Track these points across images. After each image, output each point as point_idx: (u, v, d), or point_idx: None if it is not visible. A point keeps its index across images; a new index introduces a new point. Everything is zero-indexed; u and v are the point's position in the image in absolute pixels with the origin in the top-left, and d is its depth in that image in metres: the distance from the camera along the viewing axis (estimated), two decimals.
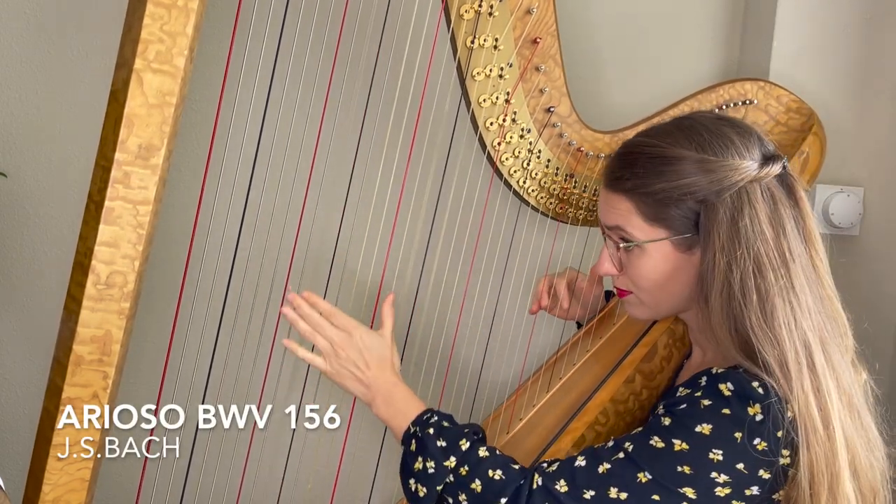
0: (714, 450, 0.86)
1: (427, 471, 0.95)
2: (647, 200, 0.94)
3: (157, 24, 0.85)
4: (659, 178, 0.93)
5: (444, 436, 0.96)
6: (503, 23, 1.05)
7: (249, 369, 1.15)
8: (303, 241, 1.12)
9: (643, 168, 0.94)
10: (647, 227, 0.95)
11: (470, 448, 0.95)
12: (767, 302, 0.88)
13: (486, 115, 1.09)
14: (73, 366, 0.89)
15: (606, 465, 0.90)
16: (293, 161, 1.11)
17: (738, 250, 0.89)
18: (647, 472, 0.88)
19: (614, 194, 0.97)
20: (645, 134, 0.99)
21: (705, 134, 0.94)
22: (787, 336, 0.88)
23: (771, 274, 0.89)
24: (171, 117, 0.87)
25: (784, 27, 1.50)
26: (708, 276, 0.92)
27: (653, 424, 0.91)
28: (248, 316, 1.16)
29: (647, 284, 0.97)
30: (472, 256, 1.24)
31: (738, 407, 0.86)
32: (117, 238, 0.88)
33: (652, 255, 0.95)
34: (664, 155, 0.94)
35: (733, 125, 0.96)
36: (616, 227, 0.97)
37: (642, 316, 1.03)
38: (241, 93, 0.99)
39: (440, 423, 0.97)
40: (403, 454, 0.98)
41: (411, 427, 0.98)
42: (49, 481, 0.92)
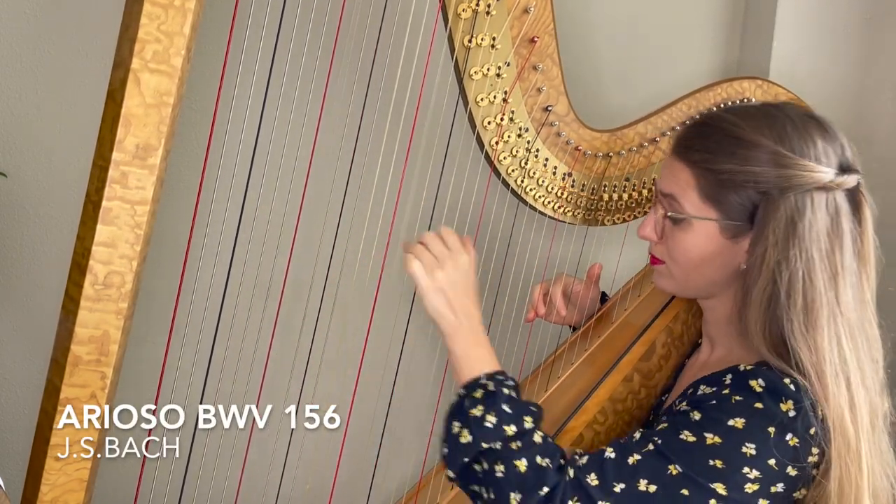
0: (747, 443, 0.85)
1: (484, 422, 0.90)
2: (710, 177, 0.93)
3: (154, 24, 0.85)
4: (728, 159, 0.91)
5: (513, 404, 0.92)
6: (501, 22, 1.05)
7: (249, 369, 1.15)
8: (301, 240, 1.12)
9: (716, 144, 0.93)
10: (701, 203, 0.93)
11: (532, 428, 0.92)
12: (812, 310, 0.88)
13: (484, 114, 1.09)
14: (70, 366, 0.89)
15: (637, 456, 0.88)
16: (291, 161, 1.11)
17: (791, 251, 0.88)
18: (678, 465, 0.86)
19: (679, 162, 0.95)
20: (729, 111, 0.97)
21: (789, 128, 0.92)
22: (826, 347, 0.88)
23: (821, 283, 0.88)
24: (169, 117, 0.87)
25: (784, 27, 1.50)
26: (754, 269, 0.91)
27: (680, 420, 0.89)
28: (247, 315, 1.16)
29: (683, 260, 0.96)
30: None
31: (771, 402, 0.86)
32: (115, 238, 0.88)
33: (697, 232, 0.94)
34: (741, 137, 0.92)
35: (821, 127, 0.93)
36: (670, 195, 0.95)
37: (667, 288, 1.02)
38: (239, 93, 0.99)
39: (513, 389, 0.94)
40: (461, 396, 0.94)
41: (485, 378, 0.94)
42: (47, 481, 0.91)
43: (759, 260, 0.90)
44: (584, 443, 1.07)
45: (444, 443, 0.94)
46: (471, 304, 0.97)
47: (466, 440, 0.91)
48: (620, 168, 1.20)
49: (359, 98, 1.08)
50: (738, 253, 0.94)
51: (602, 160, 1.18)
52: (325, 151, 1.13)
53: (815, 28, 1.52)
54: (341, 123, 1.14)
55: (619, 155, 1.18)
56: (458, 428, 0.92)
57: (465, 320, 0.97)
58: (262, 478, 1.26)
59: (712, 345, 1.04)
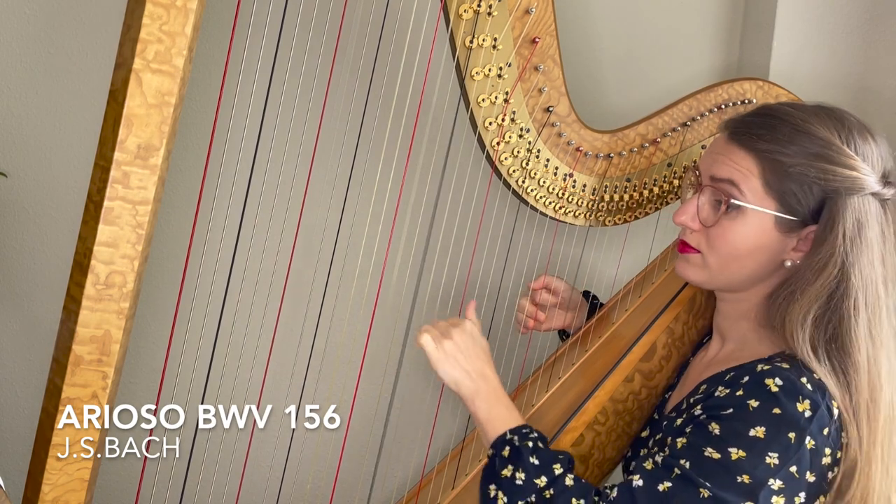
0: (770, 453, 0.84)
1: (515, 480, 0.92)
2: (776, 168, 0.91)
3: (155, 24, 0.85)
4: (801, 153, 0.91)
5: (539, 455, 0.93)
6: (502, 22, 1.05)
7: (249, 369, 1.15)
8: (302, 241, 1.12)
9: (785, 135, 0.92)
10: (762, 193, 0.92)
11: (562, 474, 0.93)
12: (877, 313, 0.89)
13: (485, 114, 1.09)
14: (72, 366, 0.89)
15: (667, 483, 0.87)
16: (292, 161, 1.12)
17: (862, 256, 0.89)
18: (708, 487, 0.85)
19: (741, 149, 0.94)
20: (789, 105, 0.97)
21: (853, 129, 0.92)
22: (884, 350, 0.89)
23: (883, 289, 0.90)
24: (171, 117, 0.87)
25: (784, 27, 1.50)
26: (815, 268, 0.90)
27: (701, 435, 0.88)
28: (248, 315, 1.16)
29: (727, 250, 0.94)
30: (472, 256, 1.24)
31: (788, 404, 0.85)
32: (116, 238, 0.88)
33: (750, 222, 0.93)
34: (811, 133, 0.91)
35: (873, 135, 0.94)
36: (728, 180, 0.93)
37: (695, 278, 0.99)
38: (240, 93, 0.99)
39: (538, 441, 0.95)
40: (492, 457, 0.95)
41: (510, 434, 0.95)
42: (48, 481, 0.91)
43: (825, 259, 0.89)
44: (584, 443, 1.07)
45: None
46: (484, 365, 0.99)
47: (503, 501, 0.92)
48: (621, 169, 1.20)
49: (360, 98, 1.08)
50: (785, 248, 0.94)
51: (603, 161, 1.18)
52: (326, 151, 1.13)
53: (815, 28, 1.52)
54: (343, 123, 1.14)
55: (621, 156, 1.18)
56: (493, 491, 0.93)
57: (482, 382, 0.98)
58: (263, 478, 1.26)
59: (723, 339, 1.03)
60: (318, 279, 1.13)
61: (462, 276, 1.27)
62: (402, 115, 1.06)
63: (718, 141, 0.98)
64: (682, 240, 0.99)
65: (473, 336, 1.00)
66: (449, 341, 0.98)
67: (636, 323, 1.17)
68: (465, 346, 0.99)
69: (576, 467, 1.04)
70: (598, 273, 1.39)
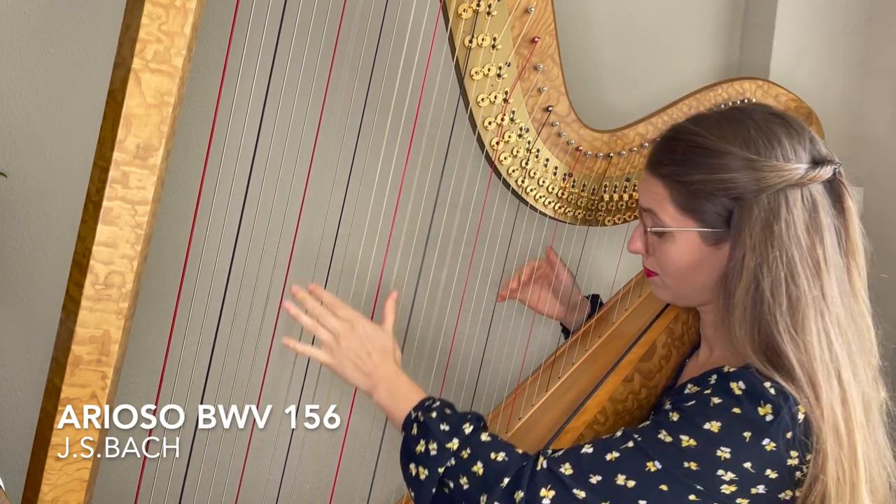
0: (722, 447, 0.85)
1: (429, 453, 0.94)
2: (682, 189, 0.93)
3: (155, 24, 0.85)
4: (697, 169, 0.92)
5: (447, 420, 0.95)
6: (501, 22, 1.05)
7: (249, 369, 1.15)
8: (301, 241, 1.12)
9: (683, 156, 0.93)
10: (679, 215, 0.94)
11: (473, 432, 0.94)
12: (798, 309, 0.88)
13: (485, 114, 1.09)
14: (71, 366, 0.89)
15: (615, 453, 0.89)
16: (291, 160, 1.11)
17: (770, 254, 0.88)
18: (657, 461, 0.87)
19: (652, 178, 0.97)
20: (693, 121, 0.98)
21: (753, 130, 0.92)
22: (816, 345, 0.88)
23: (804, 282, 0.88)
24: (170, 117, 0.87)
25: (784, 27, 1.50)
26: (735, 274, 0.91)
27: (661, 419, 0.91)
28: (247, 315, 1.16)
29: (672, 270, 0.97)
30: (471, 255, 1.24)
31: (749, 406, 0.86)
32: (116, 238, 0.88)
33: (679, 243, 0.95)
34: (707, 146, 0.92)
35: (785, 124, 0.94)
36: (649, 210, 0.97)
37: (665, 298, 1.04)
38: (239, 93, 0.99)
39: (443, 408, 0.97)
40: (404, 439, 0.97)
41: (413, 412, 0.98)
42: (48, 481, 0.91)
43: (739, 264, 0.90)
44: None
45: (409, 488, 0.97)
46: (380, 361, 1.01)
47: (425, 475, 0.94)
48: (621, 168, 1.20)
49: (359, 98, 1.08)
50: (723, 259, 0.94)
51: (602, 160, 1.18)
52: (325, 151, 1.13)
53: (815, 29, 1.52)
54: (342, 123, 1.13)
55: (620, 155, 1.18)
56: (413, 469, 0.96)
57: (379, 376, 1.01)
58: (263, 478, 1.26)
59: (710, 347, 1.04)
60: (317, 278, 1.13)
61: (461, 275, 1.27)
62: (402, 115, 1.06)
63: (643, 172, 1.00)
64: (643, 265, 1.03)
65: (366, 334, 1.01)
66: (339, 346, 1.01)
67: (636, 322, 1.17)
68: (357, 347, 1.01)
69: None
70: (598, 273, 1.39)
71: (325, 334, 1.01)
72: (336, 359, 1.01)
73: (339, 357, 1.01)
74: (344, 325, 1.01)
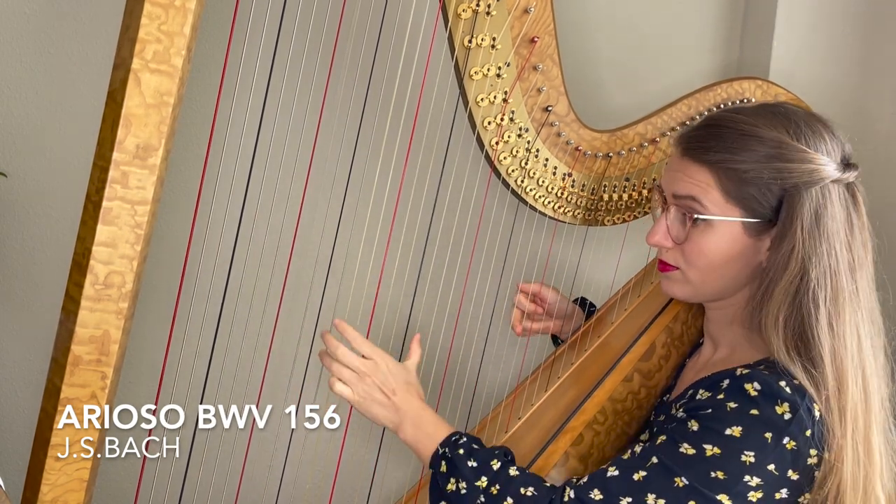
0: (746, 451, 0.85)
1: (459, 492, 0.94)
2: (732, 176, 0.92)
3: (154, 24, 0.85)
4: (751, 157, 0.91)
5: (475, 456, 0.95)
6: (501, 22, 1.05)
7: (249, 369, 1.15)
8: (301, 241, 1.12)
9: (734, 143, 0.92)
10: (724, 203, 0.93)
11: (501, 468, 0.94)
12: (838, 302, 0.89)
13: (484, 114, 1.09)
14: (71, 366, 0.89)
15: (642, 472, 0.89)
16: (291, 161, 1.12)
17: (819, 246, 0.89)
18: (684, 477, 0.87)
19: (695, 164, 0.95)
20: (736, 111, 0.97)
21: (801, 123, 0.93)
22: (849, 338, 0.89)
23: (844, 276, 0.89)
24: (169, 117, 0.87)
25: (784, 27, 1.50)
26: (779, 266, 0.90)
27: (678, 431, 0.90)
28: (247, 315, 1.16)
29: (703, 263, 0.95)
30: (471, 255, 1.24)
31: (766, 407, 0.86)
32: (115, 238, 0.88)
33: (719, 233, 0.94)
34: (759, 135, 0.92)
35: (824, 123, 0.95)
36: (689, 196, 0.94)
37: (680, 294, 1.01)
38: (239, 93, 0.99)
39: (470, 444, 0.96)
40: (433, 476, 0.97)
41: (440, 448, 0.97)
42: (48, 481, 0.91)
43: (787, 255, 0.90)
44: (583, 442, 1.07)
45: None
46: (405, 395, 1.01)
47: None
48: (620, 168, 1.20)
49: (359, 98, 1.08)
50: (759, 251, 0.94)
51: (602, 160, 1.18)
52: (325, 151, 1.13)
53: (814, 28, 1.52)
54: (341, 123, 1.14)
55: (620, 155, 1.18)
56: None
57: (404, 412, 1.00)
58: (263, 478, 1.26)
59: (715, 345, 1.04)
60: (317, 278, 1.13)
61: (461, 275, 1.27)
62: (401, 115, 1.06)
63: (674, 158, 0.99)
64: (661, 259, 1.01)
65: (389, 371, 1.01)
66: (363, 384, 1.00)
67: (635, 322, 1.17)
68: (382, 384, 1.00)
69: (575, 466, 1.04)
70: (597, 272, 1.39)
71: (348, 374, 1.01)
72: (361, 396, 1.00)
73: (363, 393, 1.00)
74: (367, 363, 1.01)
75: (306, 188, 1.08)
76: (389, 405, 1.00)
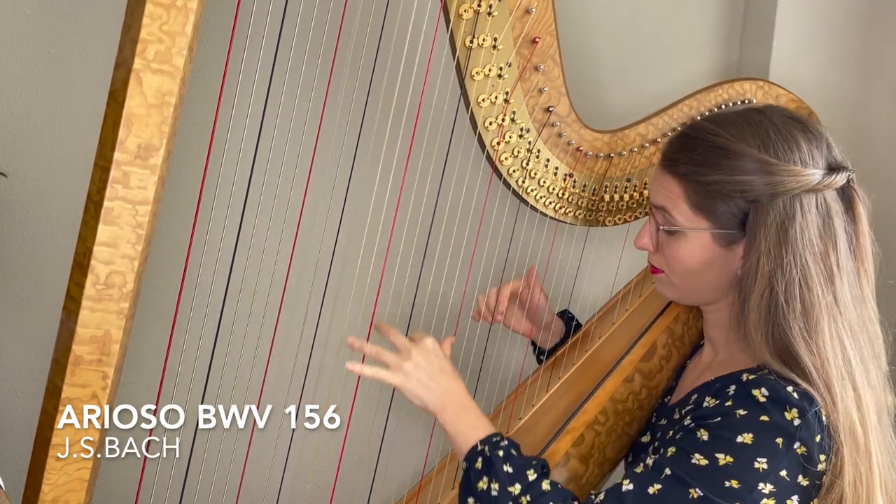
0: (759, 458, 0.85)
1: (490, 492, 0.93)
2: (698, 189, 0.93)
3: (156, 24, 0.84)
4: (714, 170, 0.92)
5: (512, 462, 0.94)
6: (502, 22, 1.05)
7: (249, 369, 1.15)
8: (302, 242, 1.12)
9: (701, 156, 0.93)
10: (692, 214, 0.94)
11: (536, 479, 0.93)
12: (812, 314, 0.88)
13: (485, 114, 1.09)
14: (72, 366, 0.89)
15: (657, 485, 0.88)
16: (292, 161, 1.11)
17: (784, 258, 0.89)
18: (698, 488, 0.86)
19: (667, 175, 0.96)
20: (711, 120, 0.98)
21: (772, 133, 0.92)
22: (830, 350, 0.88)
23: (817, 287, 0.89)
24: (171, 117, 0.87)
25: (784, 27, 1.50)
26: (749, 277, 0.91)
27: (689, 442, 0.89)
28: (248, 316, 1.16)
29: (680, 269, 0.97)
30: (472, 256, 1.24)
31: (776, 413, 0.86)
32: (116, 238, 0.88)
33: (691, 242, 0.95)
34: (726, 147, 0.92)
35: (804, 129, 0.94)
36: (662, 207, 0.97)
37: (669, 296, 1.03)
38: (240, 93, 0.98)
39: (510, 448, 0.96)
40: (466, 470, 0.96)
41: (480, 445, 0.96)
42: (48, 481, 0.91)
43: (754, 268, 0.90)
44: (584, 443, 1.07)
45: None
46: (448, 380, 0.99)
47: None
48: (622, 169, 1.20)
49: (360, 98, 1.08)
50: (734, 259, 0.95)
51: (603, 161, 1.18)
52: (326, 151, 1.13)
53: (814, 29, 1.52)
54: (343, 123, 1.13)
55: (621, 156, 1.18)
56: (471, 502, 0.94)
57: (448, 397, 0.98)
58: (264, 478, 1.26)
59: (715, 348, 1.04)
60: (318, 279, 1.13)
61: (462, 276, 1.27)
62: (402, 115, 1.06)
63: (656, 169, 1.00)
64: (649, 262, 1.03)
65: (435, 353, 1.00)
66: (409, 362, 0.98)
67: (636, 323, 1.17)
68: (426, 364, 0.99)
69: (576, 467, 1.04)
70: (598, 273, 1.39)
71: (390, 356, 0.99)
72: (405, 374, 0.98)
73: (408, 373, 0.98)
74: (409, 343, 1.00)
75: (307, 188, 1.08)
76: (434, 388, 0.98)
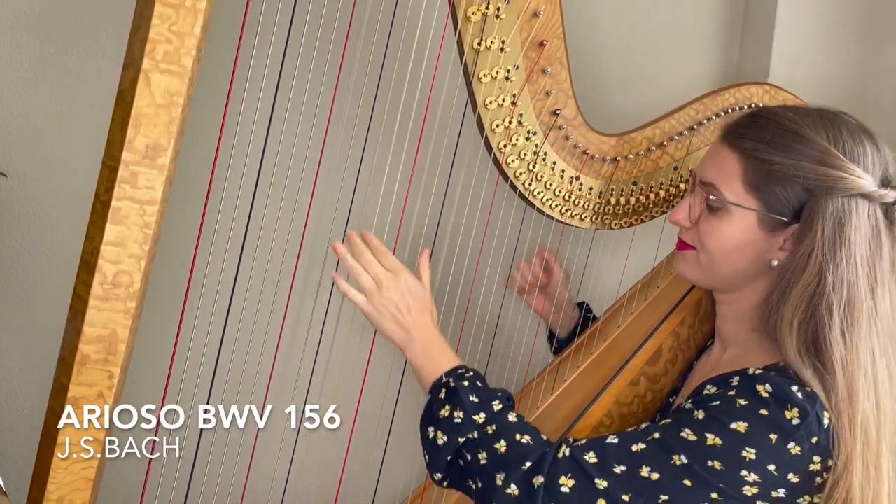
0: (747, 448, 0.85)
1: (453, 419, 0.93)
2: (759, 167, 0.93)
3: (165, 25, 0.84)
4: (782, 151, 0.92)
5: (478, 393, 0.94)
6: (510, 25, 1.05)
7: (256, 370, 1.15)
8: (308, 243, 1.12)
9: (771, 135, 0.93)
10: (744, 192, 0.94)
11: (501, 410, 0.94)
12: (853, 312, 0.89)
13: (493, 117, 1.09)
14: (78, 365, 0.89)
15: (641, 444, 0.89)
16: (300, 162, 1.11)
17: (839, 252, 0.89)
18: (682, 456, 0.87)
19: (728, 149, 0.96)
20: (785, 107, 0.98)
21: (844, 132, 0.93)
22: (863, 348, 0.88)
23: (863, 290, 0.89)
24: (179, 117, 0.87)
25: (784, 29, 1.50)
26: (797, 267, 0.91)
27: (683, 418, 0.90)
28: (254, 315, 1.16)
29: (714, 248, 0.96)
30: (478, 258, 1.24)
31: (776, 409, 0.86)
32: (124, 238, 0.88)
33: (734, 221, 0.94)
34: (797, 132, 0.92)
35: (872, 139, 0.95)
36: (710, 183, 0.96)
37: (691, 275, 1.02)
38: (248, 93, 0.98)
39: (475, 379, 0.96)
40: (429, 401, 0.96)
41: (444, 377, 0.96)
42: (54, 480, 0.91)
43: (805, 257, 0.90)
44: None
45: (424, 450, 0.96)
46: (420, 317, 1.00)
47: (443, 440, 0.93)
48: (628, 172, 1.20)
49: (368, 100, 1.08)
50: (771, 247, 0.94)
51: (610, 164, 1.18)
52: (333, 152, 1.13)
53: (814, 30, 1.52)
54: (350, 124, 1.13)
55: (627, 159, 1.18)
56: (432, 432, 0.94)
57: (416, 331, 0.99)
58: (268, 479, 1.26)
59: (725, 345, 1.04)
60: (324, 280, 1.12)
61: (468, 278, 1.27)
62: (410, 117, 1.06)
63: (714, 144, 1.00)
64: (679, 237, 1.02)
65: (408, 287, 1.00)
66: (381, 296, 0.99)
67: (642, 326, 1.17)
68: (399, 300, 0.99)
69: None
70: (604, 276, 1.39)
71: (367, 281, 0.99)
72: (375, 307, 0.99)
73: (379, 306, 0.99)
74: (388, 274, 1.00)
75: (315, 189, 1.08)
76: (403, 323, 0.99)
